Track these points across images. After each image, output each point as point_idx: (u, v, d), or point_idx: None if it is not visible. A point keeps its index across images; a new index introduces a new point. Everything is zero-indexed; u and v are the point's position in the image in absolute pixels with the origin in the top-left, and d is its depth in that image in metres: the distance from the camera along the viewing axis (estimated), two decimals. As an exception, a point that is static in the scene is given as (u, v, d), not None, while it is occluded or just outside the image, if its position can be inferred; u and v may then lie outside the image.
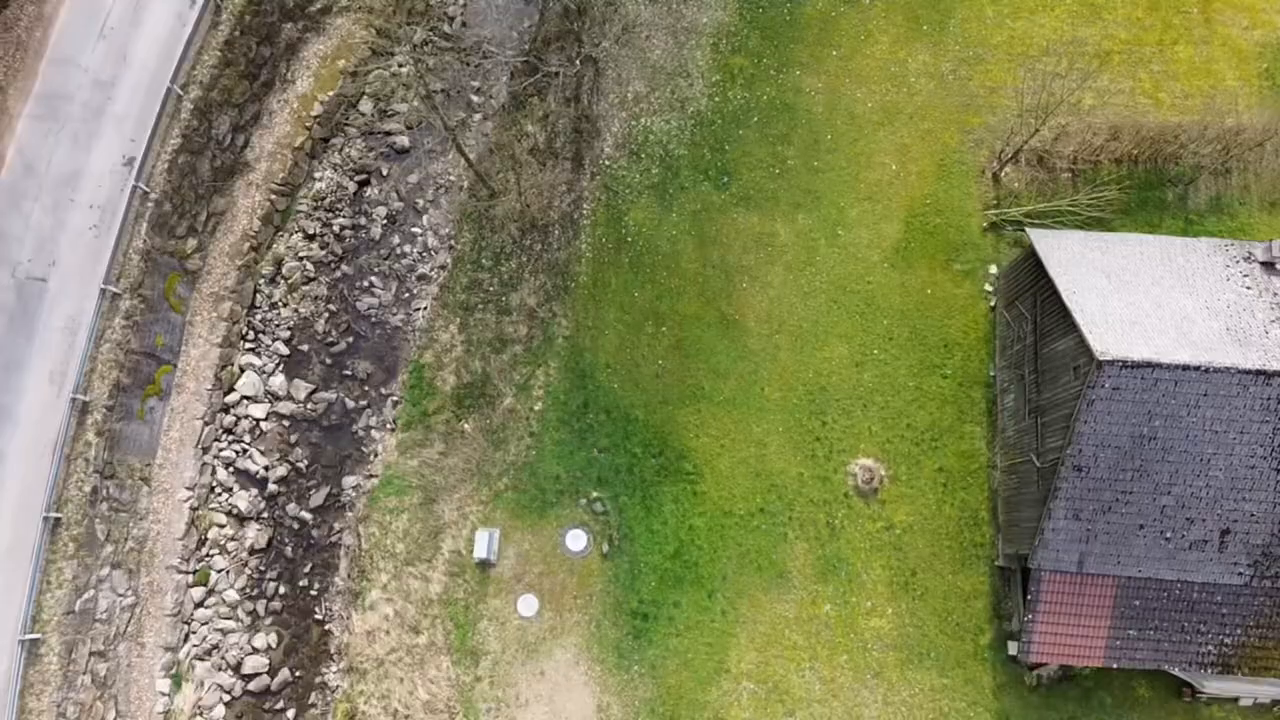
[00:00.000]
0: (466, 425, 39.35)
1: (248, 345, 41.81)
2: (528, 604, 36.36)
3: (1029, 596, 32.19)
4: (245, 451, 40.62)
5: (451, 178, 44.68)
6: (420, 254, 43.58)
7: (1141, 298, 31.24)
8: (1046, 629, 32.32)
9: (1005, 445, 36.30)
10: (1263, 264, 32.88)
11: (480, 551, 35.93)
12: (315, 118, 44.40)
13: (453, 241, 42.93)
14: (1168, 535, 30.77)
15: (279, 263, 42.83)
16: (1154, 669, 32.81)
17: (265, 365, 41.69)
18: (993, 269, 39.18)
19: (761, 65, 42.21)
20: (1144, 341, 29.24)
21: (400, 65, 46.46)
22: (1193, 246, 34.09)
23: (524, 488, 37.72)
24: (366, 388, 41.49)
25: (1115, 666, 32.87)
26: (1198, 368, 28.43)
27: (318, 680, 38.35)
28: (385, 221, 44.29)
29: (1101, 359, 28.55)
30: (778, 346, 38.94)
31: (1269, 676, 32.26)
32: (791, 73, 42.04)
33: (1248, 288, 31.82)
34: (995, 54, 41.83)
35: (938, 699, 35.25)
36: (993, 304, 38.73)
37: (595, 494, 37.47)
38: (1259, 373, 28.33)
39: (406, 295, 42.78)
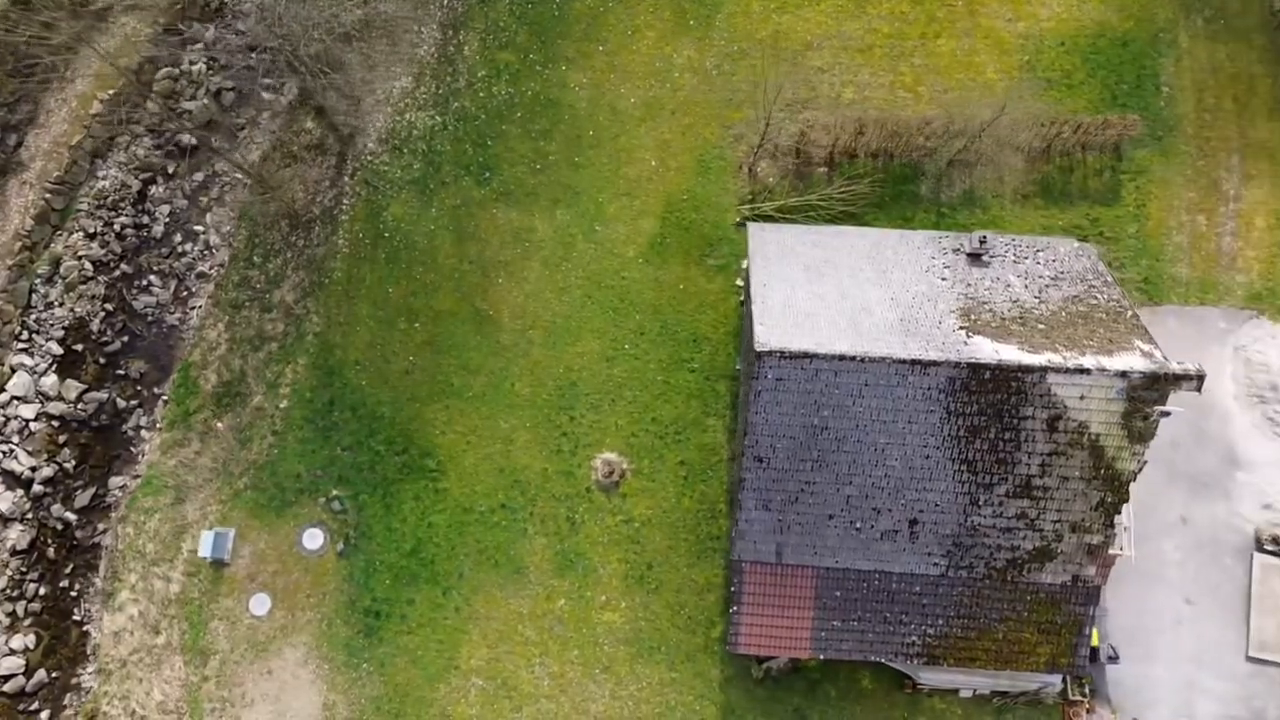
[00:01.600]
0: (220, 424, 39.13)
1: (20, 345, 41.40)
2: (260, 603, 36.14)
3: (732, 588, 32.17)
4: (11, 452, 40.22)
5: (237, 175, 44.43)
6: (201, 252, 43.29)
7: (830, 290, 31.28)
8: (752, 620, 32.28)
9: (735, 438, 36.32)
10: (969, 255, 32.99)
11: (204, 551, 35.70)
12: (95, 116, 44.08)
13: (233, 239, 42.72)
14: (858, 526, 30.79)
15: (57, 262, 42.40)
16: (872, 661, 32.82)
17: (37, 365, 41.28)
18: (744, 264, 39.18)
19: (528, 61, 42.13)
20: (811, 333, 29.26)
21: (191, 63, 46.20)
22: (908, 239, 34.20)
23: (263, 486, 37.49)
24: (139, 387, 41.16)
25: (822, 658, 32.94)
26: (854, 358, 28.44)
27: (73, 682, 38.00)
28: (168, 220, 44.02)
29: (760, 350, 28.56)
30: (530, 342, 38.85)
31: (975, 667, 32.35)
32: (557, 68, 41.98)
33: (943, 279, 31.89)
34: (760, 49, 41.81)
35: (666, 692, 35.18)
36: (742, 298, 38.76)
37: (336, 492, 37.27)
38: (915, 362, 28.35)
39: (185, 294, 42.49)
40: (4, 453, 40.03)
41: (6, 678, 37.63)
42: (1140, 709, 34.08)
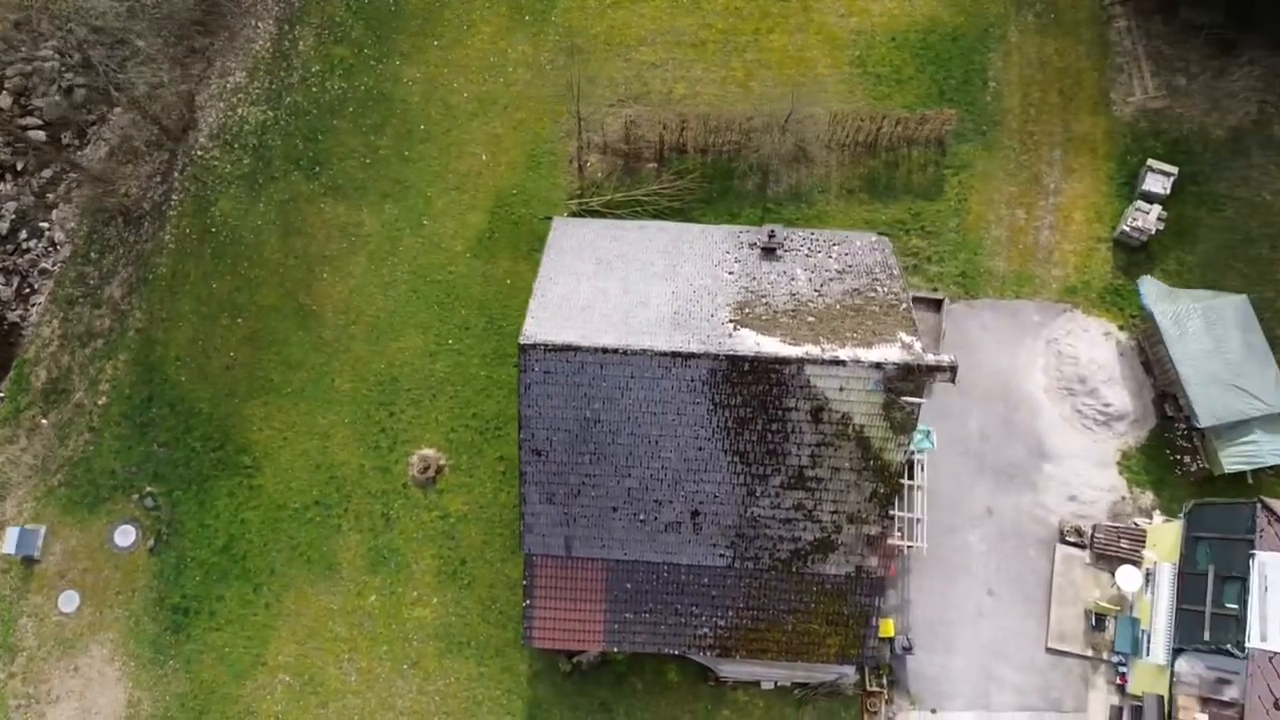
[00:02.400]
0: (45, 421, 38.85)
1: None
2: (69, 600, 35.89)
3: (525, 582, 32.13)
4: None
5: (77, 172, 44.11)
6: (45, 249, 43.05)
7: (615, 284, 31.26)
8: (545, 614, 32.22)
9: (546, 433, 36.28)
10: (762, 250, 33.05)
11: (8, 548, 35.45)
12: (-60, 113, 43.75)
13: (75, 236, 42.43)
14: (641, 518, 30.80)
15: (-102, 259, 42.11)
16: (679, 654, 32.88)
17: (-128, 363, 40.90)
18: (569, 257, 39.13)
19: (362, 55, 41.99)
20: (581, 326, 29.24)
21: (45, 60, 45.90)
22: (708, 233, 34.20)
23: (77, 483, 37.25)
24: (-25, 386, 40.84)
25: (616, 650, 32.99)
26: (617, 350, 28.43)
27: (-107, 681, 37.68)
28: (14, 217, 43.84)
29: (523, 342, 28.54)
30: (353, 337, 38.72)
31: (766, 659, 32.41)
32: (392, 63, 41.85)
33: (730, 273, 31.92)
34: (594, 44, 41.80)
35: (473, 687, 35.14)
36: (565, 292, 38.70)
37: (149, 489, 37.05)
38: (676, 354, 28.37)
39: (27, 291, 42.24)
40: None
41: None
42: (939, 700, 34.24)
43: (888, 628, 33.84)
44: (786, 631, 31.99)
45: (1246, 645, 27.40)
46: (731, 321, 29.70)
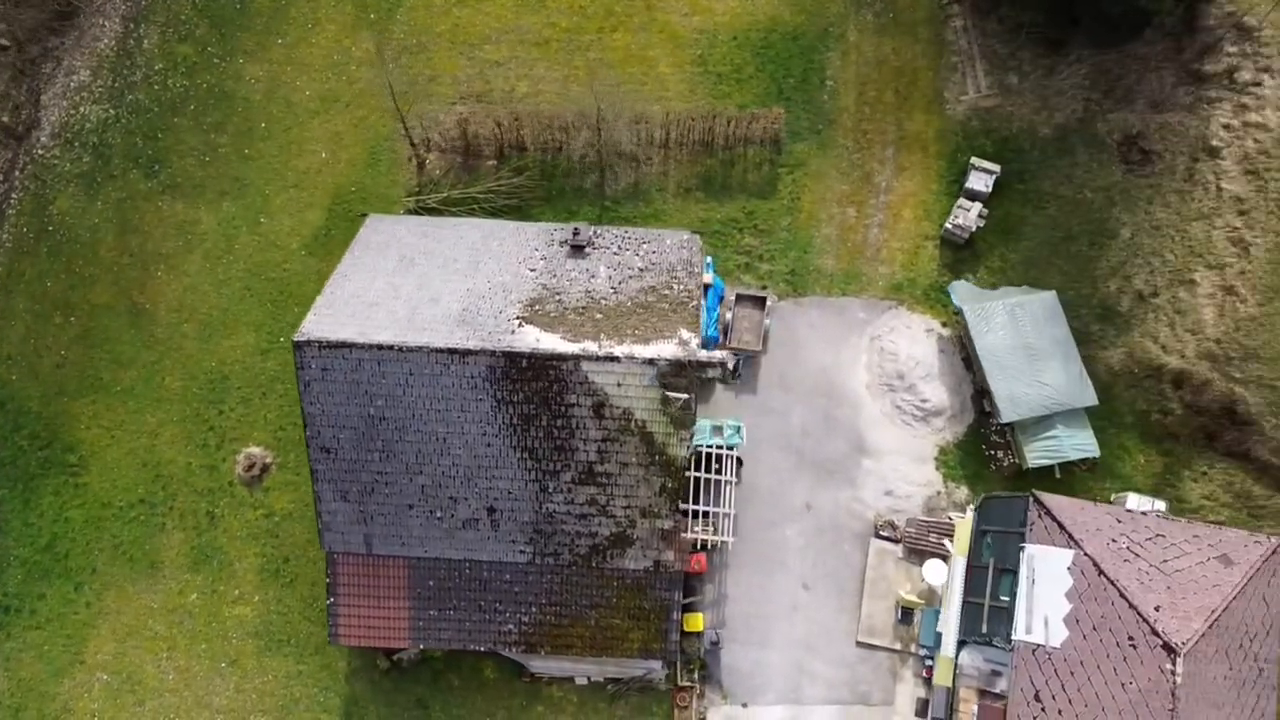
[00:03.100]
0: (-124, 420, 38.60)
1: None
2: (-114, 600, 35.72)
3: (328, 580, 32.18)
4: None
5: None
6: (-105, 248, 42.67)
7: (411, 281, 31.37)
8: (349, 612, 32.34)
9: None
10: (572, 247, 33.22)
11: None
12: None
13: (-78, 236, 42.10)
14: (438, 515, 30.92)
15: None
16: (488, 651, 33.01)
17: None
18: (404, 255, 39.17)
19: (206, 53, 41.91)
20: (365, 323, 29.33)
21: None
22: (521, 230, 34.40)
23: (-99, 481, 37.11)
24: None
25: (422, 647, 33.10)
26: (393, 347, 28.57)
27: None
28: None
29: (297, 339, 28.61)
30: (185, 335, 38.66)
31: (572, 654, 32.60)
32: (235, 61, 41.78)
33: (532, 270, 32.08)
34: (438, 42, 41.88)
35: (291, 685, 35.15)
36: (398, 290, 38.74)
37: (-27, 487, 36.95)
38: (452, 351, 28.52)
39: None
40: None
41: None
42: (751, 694, 34.48)
43: (696, 622, 34.05)
44: (590, 627, 32.21)
45: (1013, 637, 27.71)
46: (518, 318, 29.86)
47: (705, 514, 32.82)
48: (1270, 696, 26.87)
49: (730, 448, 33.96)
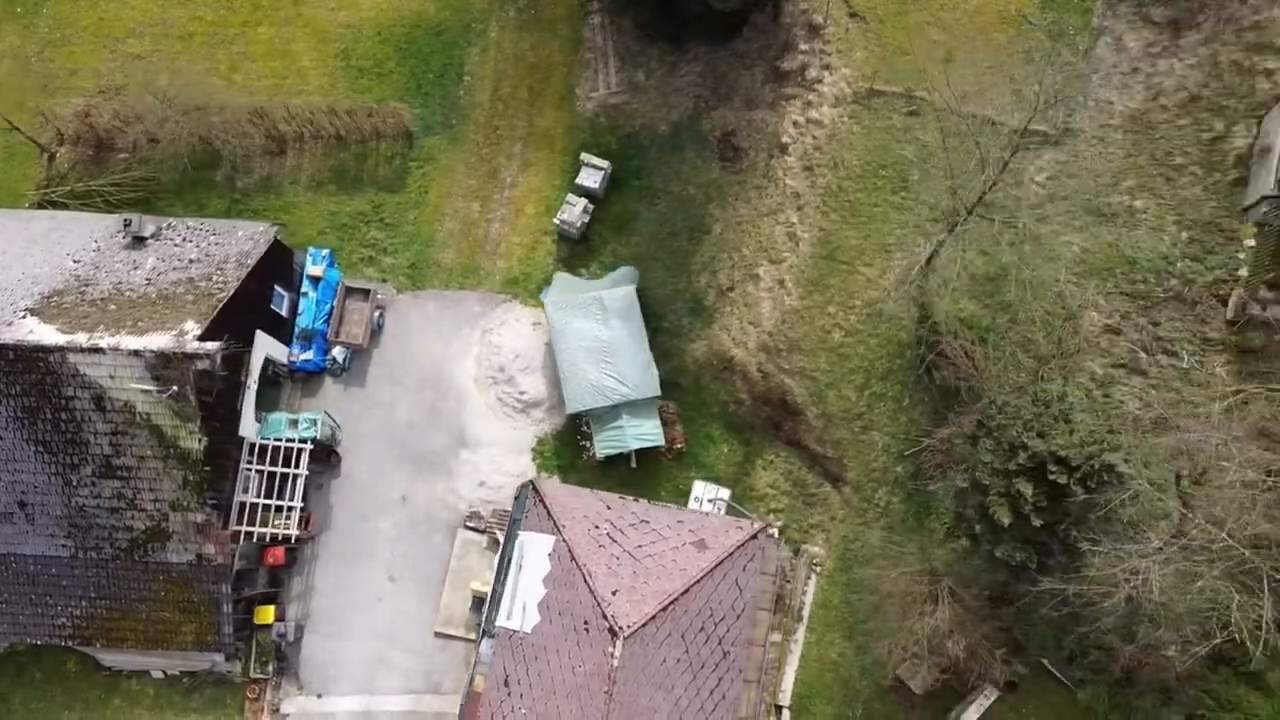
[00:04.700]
0: None
1: None
2: None
3: (-126, 574, 31.95)
4: None
5: None
6: None
7: (-56, 274, 31.25)
8: (-100, 607, 32.16)
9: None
10: (134, 239, 33.21)
11: None
12: None
13: None
14: (-33, 509, 30.82)
15: None
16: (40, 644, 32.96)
17: None
18: (26, 249, 38.96)
19: None
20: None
21: None
22: (94, 221, 34.33)
23: None
24: None
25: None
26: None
27: None
28: None
29: None
30: None
31: (127, 648, 32.63)
32: (-128, 51, 41.34)
33: (76, 261, 32.08)
34: (82, 36, 41.66)
35: None
36: (15, 284, 38.54)
37: None
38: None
39: None
40: None
41: None
42: (326, 685, 34.71)
43: (266, 615, 34.18)
44: (142, 620, 32.28)
45: (495, 623, 28.13)
46: (26, 310, 29.84)
47: (283, 508, 33.05)
48: (736, 679, 27.47)
49: (306, 441, 34.12)
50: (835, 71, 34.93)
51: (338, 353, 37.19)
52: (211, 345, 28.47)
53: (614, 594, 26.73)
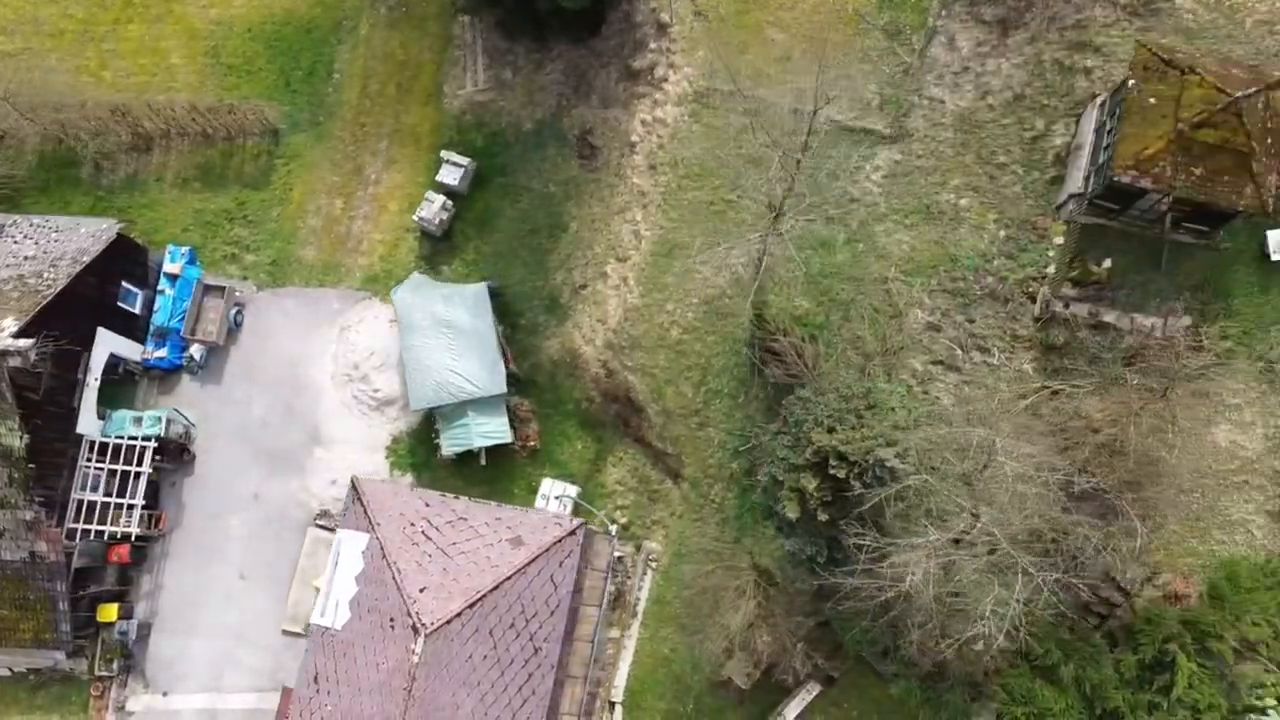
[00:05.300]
0: None
1: None
2: None
3: None
4: None
5: None
6: None
7: None
8: None
9: None
10: (-29, 237, 33.11)
11: None
12: None
13: None
14: None
15: None
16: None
17: None
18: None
19: None
20: None
21: None
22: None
23: None
24: None
25: None
26: None
27: None
28: None
29: None
30: None
31: (-35, 644, 32.55)
32: None
33: None
34: (-59, 35, 41.57)
35: None
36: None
37: None
38: None
39: None
40: None
41: None
42: (173, 682, 34.70)
43: (109, 613, 34.11)
44: (-22, 617, 32.16)
45: (311, 621, 28.19)
46: None
47: (127, 506, 33.11)
48: (548, 675, 27.58)
49: (150, 439, 34.09)
50: (679, 70, 35.06)
51: (195, 350, 37.15)
52: (24, 342, 28.42)
53: (421, 591, 26.81)
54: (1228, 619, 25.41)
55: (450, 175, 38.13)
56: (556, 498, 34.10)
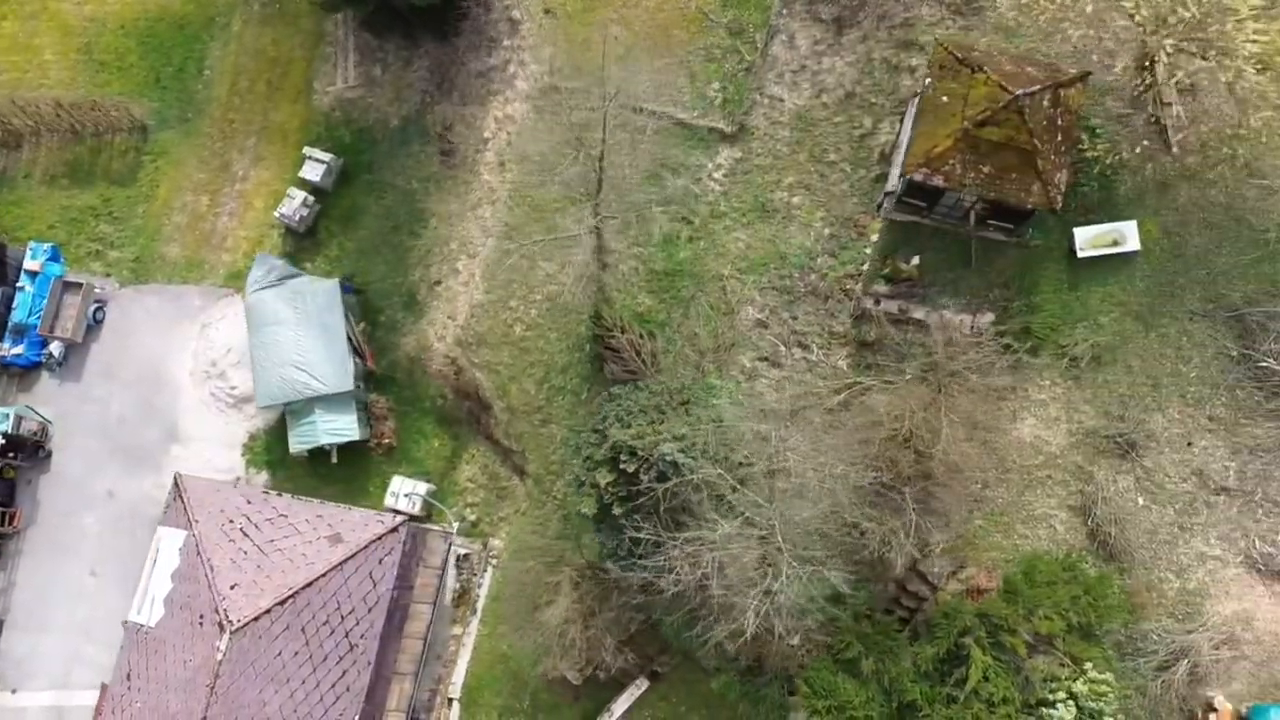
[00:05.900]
0: None
1: None
2: None
3: None
4: None
5: None
6: None
7: None
8: None
9: None
10: None
11: None
12: None
13: None
14: None
15: None
16: None
17: None
18: None
19: None
20: None
21: None
22: None
23: None
24: None
25: None
26: None
27: None
28: None
29: None
30: None
31: None
32: None
33: None
34: None
35: None
36: None
37: None
38: None
39: None
40: None
41: None
42: (22, 680, 34.66)
43: (-44, 610, 34.13)
44: None
45: (126, 619, 28.19)
46: None
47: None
48: (365, 671, 27.62)
49: (-2, 435, 34.07)
50: (526, 67, 35.10)
51: (54, 347, 37.11)
52: None
53: (233, 588, 26.83)
54: (1020, 613, 25.61)
55: (313, 172, 38.07)
56: (405, 495, 34.10)
